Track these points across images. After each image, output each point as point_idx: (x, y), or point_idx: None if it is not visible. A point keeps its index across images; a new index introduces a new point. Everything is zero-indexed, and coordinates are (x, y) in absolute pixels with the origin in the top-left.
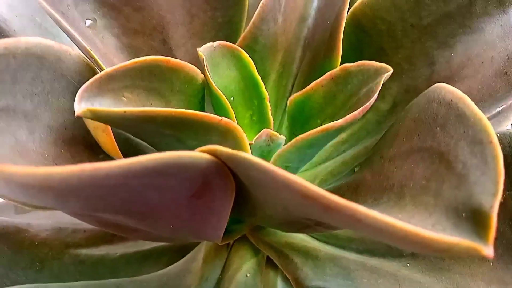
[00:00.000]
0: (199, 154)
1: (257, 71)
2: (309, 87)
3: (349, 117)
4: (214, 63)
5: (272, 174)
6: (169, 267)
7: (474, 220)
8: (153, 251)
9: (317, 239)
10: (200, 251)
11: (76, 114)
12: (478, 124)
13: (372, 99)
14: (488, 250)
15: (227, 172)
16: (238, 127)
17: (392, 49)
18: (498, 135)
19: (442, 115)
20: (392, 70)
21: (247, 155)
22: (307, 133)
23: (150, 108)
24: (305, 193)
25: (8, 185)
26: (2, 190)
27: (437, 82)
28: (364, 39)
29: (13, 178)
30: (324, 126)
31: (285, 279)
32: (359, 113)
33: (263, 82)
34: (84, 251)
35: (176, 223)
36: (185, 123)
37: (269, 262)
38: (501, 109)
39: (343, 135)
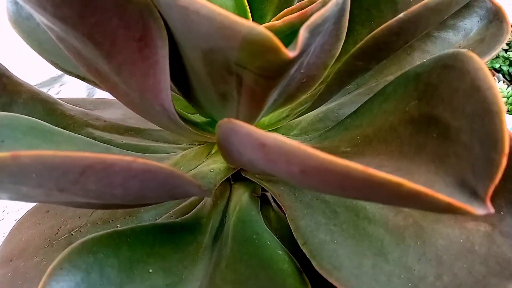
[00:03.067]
0: None
1: (256, 11)
2: (285, 10)
3: (286, 18)
4: None
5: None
6: (160, 154)
7: None
8: (151, 147)
9: None
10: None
11: None
12: None
13: (312, 5)
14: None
15: (158, 15)
16: None
17: None
18: None
19: None
20: None
21: None
22: None
23: None
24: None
25: None
26: None
27: None
28: None
29: None
30: (265, 24)
31: (252, 197)
32: (294, 17)
33: (260, 22)
34: (98, 132)
35: (137, 75)
36: None
37: (244, 181)
38: None
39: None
